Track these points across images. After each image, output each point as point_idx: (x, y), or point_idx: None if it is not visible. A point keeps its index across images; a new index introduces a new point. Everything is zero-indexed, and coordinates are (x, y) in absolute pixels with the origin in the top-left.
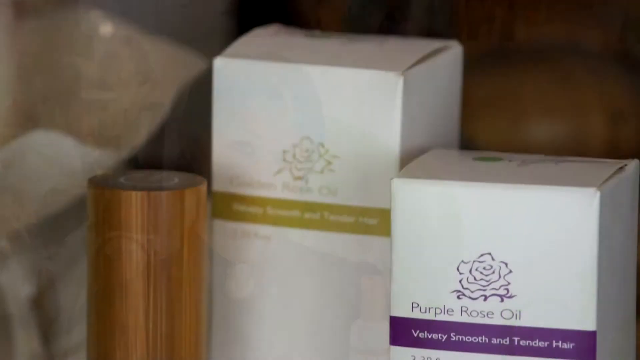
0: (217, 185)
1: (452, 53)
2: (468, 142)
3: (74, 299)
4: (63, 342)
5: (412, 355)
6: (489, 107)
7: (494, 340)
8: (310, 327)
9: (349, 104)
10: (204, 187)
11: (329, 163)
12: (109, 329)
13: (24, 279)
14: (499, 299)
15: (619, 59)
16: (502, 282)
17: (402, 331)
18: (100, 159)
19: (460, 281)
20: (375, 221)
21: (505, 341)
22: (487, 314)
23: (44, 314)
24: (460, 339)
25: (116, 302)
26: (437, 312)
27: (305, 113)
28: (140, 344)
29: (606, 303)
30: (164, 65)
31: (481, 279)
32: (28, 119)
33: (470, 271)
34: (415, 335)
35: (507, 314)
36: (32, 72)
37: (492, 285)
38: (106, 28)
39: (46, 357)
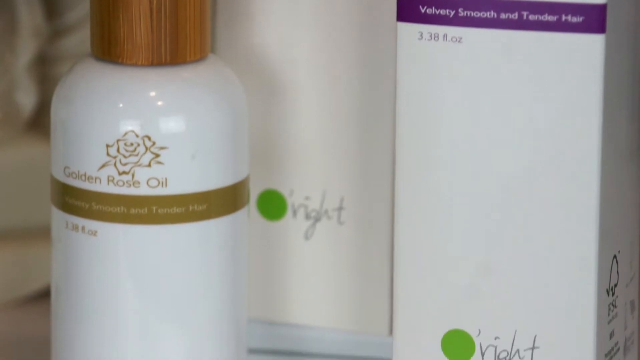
0: None
1: None
2: None
3: None
4: (66, 18)
5: (419, 32)
6: None
7: (503, 15)
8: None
9: None
10: None
11: None
12: (112, 4)
13: None
14: None
15: None
16: None
17: (409, 7)
18: None
19: None
20: None
21: (514, 16)
22: None
23: None
24: (468, 15)
25: None
26: None
27: None
28: (144, 19)
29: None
30: None
31: None
32: None
33: None
34: (423, 11)
35: None
36: None
37: None
38: None
39: (49, 33)
